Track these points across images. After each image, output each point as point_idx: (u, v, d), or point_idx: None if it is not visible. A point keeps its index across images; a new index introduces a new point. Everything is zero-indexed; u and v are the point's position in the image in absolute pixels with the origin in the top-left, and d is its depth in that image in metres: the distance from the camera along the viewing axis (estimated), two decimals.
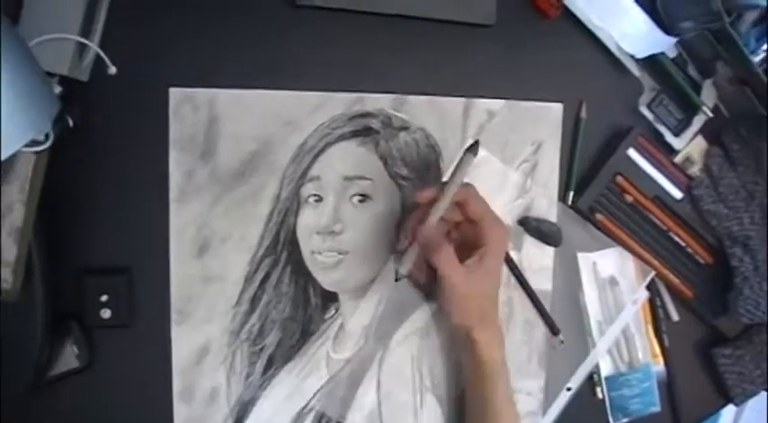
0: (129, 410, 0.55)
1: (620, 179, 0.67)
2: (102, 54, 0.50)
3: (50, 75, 0.47)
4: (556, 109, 0.64)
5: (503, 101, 0.62)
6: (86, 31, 0.49)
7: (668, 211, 0.70)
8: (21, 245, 0.47)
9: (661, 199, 0.69)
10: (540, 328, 0.66)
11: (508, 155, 0.63)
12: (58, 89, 0.47)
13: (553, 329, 0.65)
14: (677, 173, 0.70)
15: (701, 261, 0.72)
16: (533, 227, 0.64)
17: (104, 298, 0.53)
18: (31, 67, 0.40)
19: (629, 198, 0.68)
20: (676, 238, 0.70)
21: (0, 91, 0.36)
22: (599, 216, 0.66)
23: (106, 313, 0.53)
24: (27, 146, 0.43)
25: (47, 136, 0.46)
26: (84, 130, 0.50)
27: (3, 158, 0.38)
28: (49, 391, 0.53)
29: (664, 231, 0.70)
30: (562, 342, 0.65)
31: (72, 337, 0.53)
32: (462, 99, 0.61)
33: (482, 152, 0.59)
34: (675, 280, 0.70)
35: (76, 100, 0.49)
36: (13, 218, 0.46)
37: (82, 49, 0.49)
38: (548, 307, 0.66)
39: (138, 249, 0.55)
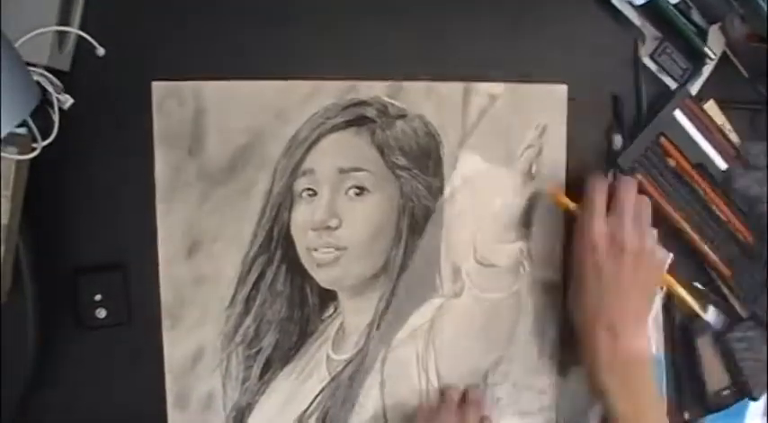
0: (124, 414, 0.53)
1: (663, 141, 0.63)
2: (87, 36, 0.48)
3: (31, 65, 0.44)
4: (560, 90, 0.61)
5: (504, 84, 0.59)
6: (64, 19, 0.47)
7: (711, 182, 0.65)
8: (7, 244, 0.45)
9: (705, 168, 0.65)
10: (553, 321, 0.63)
11: (512, 140, 0.60)
12: (56, 81, 0.46)
13: None
14: (723, 142, 0.65)
15: (741, 239, 0.67)
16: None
17: (98, 297, 0.51)
18: (10, 59, 0.38)
19: (671, 162, 0.64)
20: (717, 212, 0.66)
21: None
22: (639, 176, 0.63)
23: (102, 313, 0.52)
24: (15, 150, 0.43)
25: (33, 137, 0.44)
26: (69, 124, 0.47)
27: None
28: (46, 394, 0.51)
29: (705, 203, 0.65)
30: None
31: None
32: (462, 83, 0.58)
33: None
34: (713, 256, 0.66)
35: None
36: None
37: (61, 38, 0.47)
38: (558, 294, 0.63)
39: (131, 245, 0.53)
